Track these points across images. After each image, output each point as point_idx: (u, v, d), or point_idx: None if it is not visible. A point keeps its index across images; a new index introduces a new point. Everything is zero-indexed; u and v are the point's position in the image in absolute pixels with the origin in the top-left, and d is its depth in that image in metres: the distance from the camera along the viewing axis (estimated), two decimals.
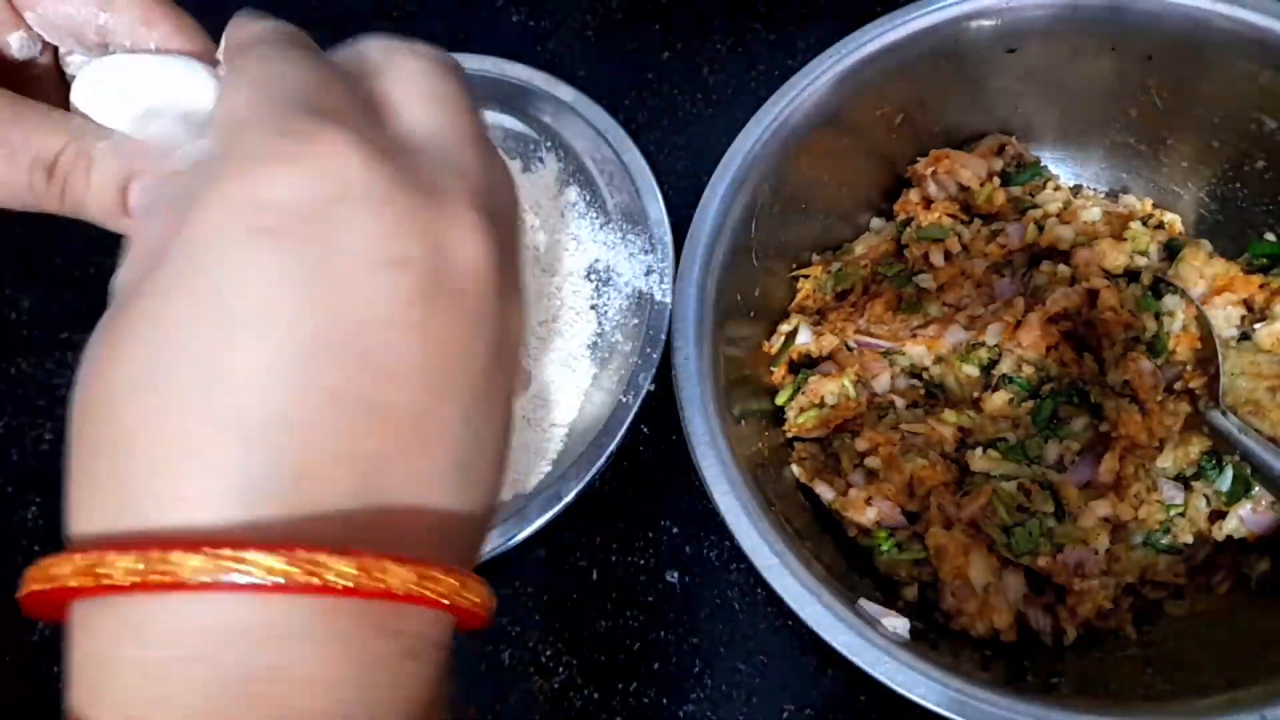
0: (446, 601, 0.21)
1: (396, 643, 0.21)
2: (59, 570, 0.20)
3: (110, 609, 0.20)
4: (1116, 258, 0.57)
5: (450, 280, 0.22)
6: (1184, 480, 0.53)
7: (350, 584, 0.20)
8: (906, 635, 0.46)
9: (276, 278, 0.20)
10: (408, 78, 0.26)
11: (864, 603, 0.47)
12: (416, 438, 0.22)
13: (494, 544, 0.54)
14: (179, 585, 0.19)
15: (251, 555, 0.19)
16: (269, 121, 0.22)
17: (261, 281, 0.20)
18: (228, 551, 0.19)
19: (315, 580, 0.19)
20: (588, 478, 0.55)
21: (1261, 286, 0.55)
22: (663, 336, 0.57)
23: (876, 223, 0.64)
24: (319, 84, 0.24)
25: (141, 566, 0.19)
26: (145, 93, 0.27)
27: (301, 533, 0.20)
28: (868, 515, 0.53)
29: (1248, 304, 0.55)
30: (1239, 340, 0.55)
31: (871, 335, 0.58)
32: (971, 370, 0.57)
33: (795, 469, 0.56)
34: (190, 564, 0.19)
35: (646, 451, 0.59)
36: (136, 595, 0.20)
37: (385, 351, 0.21)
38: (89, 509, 0.21)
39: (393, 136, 0.24)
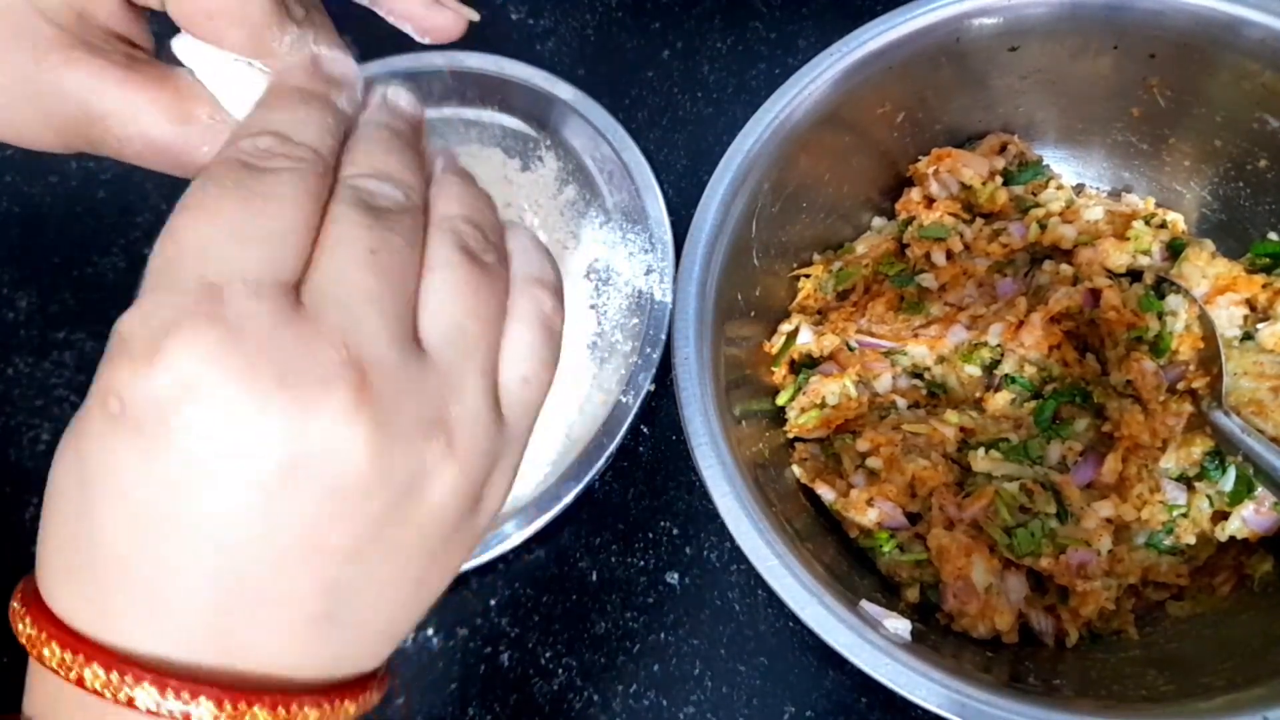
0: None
1: None
2: (50, 654, 0.25)
3: (72, 691, 0.24)
4: (1119, 257, 0.57)
5: (311, 466, 0.24)
6: (1186, 481, 0.52)
7: None
8: (908, 637, 0.46)
9: (125, 461, 0.24)
10: (341, 224, 0.27)
11: (865, 604, 0.47)
12: (262, 603, 0.25)
13: (493, 545, 0.54)
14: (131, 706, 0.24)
15: (195, 703, 0.24)
16: (151, 301, 0.24)
17: (113, 465, 0.24)
18: (185, 694, 0.24)
19: None
20: (587, 478, 0.55)
21: (1264, 286, 0.54)
22: (663, 336, 0.57)
23: (878, 222, 0.64)
24: (238, 242, 0.25)
25: (114, 680, 0.24)
26: (228, 78, 0.33)
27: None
28: (869, 516, 0.53)
29: (1250, 304, 0.55)
30: (1242, 340, 0.55)
31: (873, 335, 0.58)
32: (973, 370, 0.57)
33: (796, 469, 0.55)
34: (149, 696, 0.24)
35: (646, 451, 0.59)
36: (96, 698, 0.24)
37: (226, 529, 0.24)
38: (67, 587, 0.26)
39: (298, 298, 0.25)
